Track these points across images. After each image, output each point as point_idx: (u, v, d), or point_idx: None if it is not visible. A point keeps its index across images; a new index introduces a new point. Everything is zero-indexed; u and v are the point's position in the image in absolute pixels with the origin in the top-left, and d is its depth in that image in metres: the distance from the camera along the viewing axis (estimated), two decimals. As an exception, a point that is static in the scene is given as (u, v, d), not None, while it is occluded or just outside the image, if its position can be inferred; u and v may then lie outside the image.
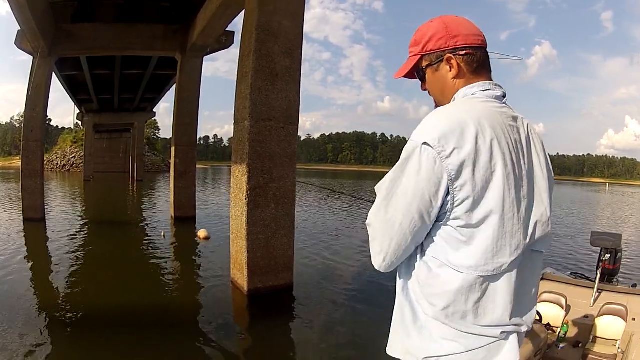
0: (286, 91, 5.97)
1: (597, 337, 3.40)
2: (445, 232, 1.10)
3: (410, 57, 1.28)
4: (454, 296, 1.08)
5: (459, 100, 1.19)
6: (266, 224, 5.87)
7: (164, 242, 9.84)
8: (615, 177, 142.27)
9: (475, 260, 1.07)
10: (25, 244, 9.28)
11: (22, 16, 9.21)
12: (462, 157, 1.03)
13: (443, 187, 1.05)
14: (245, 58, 5.99)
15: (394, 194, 1.10)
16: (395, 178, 1.11)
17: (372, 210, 1.16)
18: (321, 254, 8.86)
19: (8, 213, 13.65)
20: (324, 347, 4.62)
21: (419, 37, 1.24)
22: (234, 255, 6.21)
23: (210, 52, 13.01)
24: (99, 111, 28.43)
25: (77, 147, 52.57)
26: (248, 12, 6.24)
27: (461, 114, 1.08)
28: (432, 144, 1.04)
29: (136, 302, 5.76)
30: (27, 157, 11.89)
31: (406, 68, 1.29)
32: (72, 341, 4.49)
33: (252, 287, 5.82)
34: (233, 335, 5.08)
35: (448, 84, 1.22)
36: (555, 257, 9.07)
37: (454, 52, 1.19)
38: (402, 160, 1.10)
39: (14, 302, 5.40)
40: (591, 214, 23.97)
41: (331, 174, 62.37)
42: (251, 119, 5.70)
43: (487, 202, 1.06)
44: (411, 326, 1.16)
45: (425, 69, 1.26)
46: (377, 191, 1.16)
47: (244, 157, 5.76)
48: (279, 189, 5.95)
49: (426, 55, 1.24)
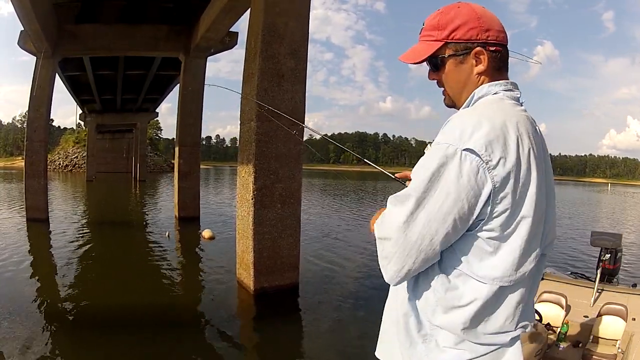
0: (292, 92, 6.01)
1: (597, 337, 3.40)
2: (471, 242, 1.04)
3: (428, 42, 1.15)
4: (476, 307, 1.03)
5: (489, 101, 1.11)
6: (272, 224, 5.91)
7: (168, 242, 9.87)
8: (617, 177, 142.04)
9: (502, 271, 1.02)
10: (29, 244, 9.31)
11: (25, 17, 9.24)
12: (507, 168, 0.97)
13: (484, 197, 0.98)
14: (251, 59, 6.03)
15: (427, 204, 0.99)
16: (428, 186, 0.99)
17: (393, 222, 1.02)
18: (326, 253, 8.90)
19: (11, 213, 13.70)
20: (330, 346, 4.65)
21: (445, 21, 1.12)
22: (240, 254, 6.24)
23: (214, 53, 13.07)
24: (102, 111, 28.55)
25: (79, 148, 52.66)
26: (254, 13, 6.28)
27: (500, 119, 1.01)
28: (479, 152, 0.96)
29: (142, 301, 5.80)
30: (31, 157, 11.91)
31: (423, 53, 1.16)
32: (77, 340, 4.52)
33: (258, 287, 5.86)
34: (240, 334, 5.12)
35: (472, 78, 1.14)
36: (555, 257, 9.10)
37: (484, 47, 1.11)
38: (437, 165, 0.99)
39: (19, 302, 5.41)
40: (593, 214, 23.96)
41: (333, 175, 62.20)
42: (257, 120, 5.74)
43: (522, 213, 1.01)
44: (416, 335, 1.11)
45: (447, 57, 1.14)
46: (395, 201, 1.05)
47: (251, 158, 5.80)
48: (285, 189, 5.99)
49: (451, 44, 1.12)
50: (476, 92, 1.13)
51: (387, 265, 1.05)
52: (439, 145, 1.01)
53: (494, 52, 1.12)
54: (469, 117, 1.03)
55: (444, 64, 1.15)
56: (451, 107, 1.22)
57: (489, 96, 1.12)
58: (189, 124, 12.99)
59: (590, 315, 3.63)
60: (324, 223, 13.64)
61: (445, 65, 1.15)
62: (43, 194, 12.07)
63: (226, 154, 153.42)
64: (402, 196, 1.03)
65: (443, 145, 1.00)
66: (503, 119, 1.01)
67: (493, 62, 1.12)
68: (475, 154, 0.96)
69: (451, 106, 1.22)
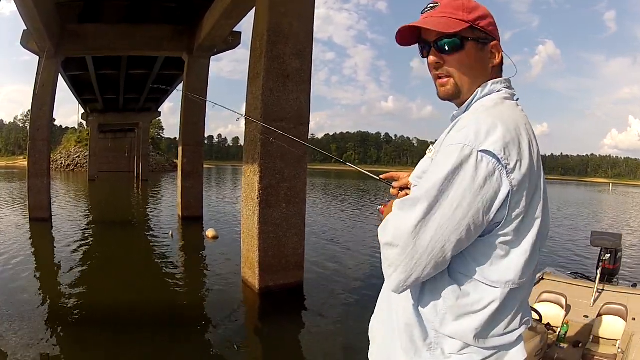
0: (297, 92, 6.04)
1: (597, 337, 3.39)
2: (483, 247, 1.00)
3: (453, 19, 1.07)
4: (490, 313, 1.01)
5: (495, 101, 1.08)
6: (277, 223, 5.94)
7: (172, 241, 9.91)
8: (618, 177, 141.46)
9: (514, 274, 1.00)
10: (33, 244, 9.32)
11: (28, 16, 9.25)
12: (523, 171, 0.95)
13: (499, 201, 0.95)
14: (257, 59, 6.06)
15: (440, 208, 0.94)
16: (441, 189, 0.94)
17: (401, 228, 0.96)
18: (331, 252, 8.95)
19: (14, 213, 13.74)
20: (335, 344, 4.69)
21: (471, 6, 1.09)
22: (245, 254, 6.28)
23: (218, 53, 13.07)
24: (104, 111, 28.57)
25: (81, 147, 52.77)
26: (259, 14, 6.31)
27: (512, 121, 1.00)
28: (498, 154, 0.93)
29: (147, 300, 5.86)
30: (34, 157, 11.94)
31: (453, 26, 1.07)
32: (83, 339, 4.54)
33: (263, 286, 5.90)
34: (245, 332, 5.17)
35: (487, 69, 1.12)
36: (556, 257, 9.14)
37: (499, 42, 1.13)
38: (451, 167, 0.94)
39: (24, 300, 5.47)
40: (594, 214, 23.95)
41: (335, 174, 62.26)
42: (263, 120, 5.77)
43: (535, 215, 1.01)
44: (421, 345, 1.07)
45: (469, 40, 1.08)
46: (403, 205, 0.99)
47: (256, 157, 5.84)
48: (290, 189, 6.03)
49: (476, 29, 1.08)
50: (480, 89, 1.10)
51: (392, 273, 0.99)
52: (451, 146, 0.96)
53: (501, 52, 1.14)
54: (482, 118, 0.99)
55: (463, 46, 1.08)
56: (451, 97, 1.15)
57: (494, 94, 1.10)
58: (192, 123, 13.04)
59: (590, 315, 3.64)
60: (328, 222, 13.68)
61: (464, 48, 1.09)
62: (46, 193, 12.11)
63: (228, 153, 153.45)
64: (411, 200, 0.97)
65: (457, 146, 0.94)
66: (515, 121, 1.00)
67: (500, 59, 1.13)
68: (493, 156, 0.93)
69: (451, 96, 1.14)
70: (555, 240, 11.63)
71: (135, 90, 21.63)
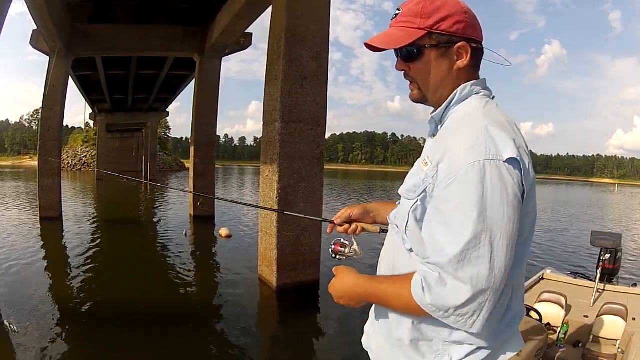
0: (314, 94, 6.16)
1: (597, 337, 3.38)
2: None
3: (408, 28, 1.06)
4: (500, 314, 1.02)
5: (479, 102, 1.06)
6: (295, 222, 6.05)
7: (186, 240, 10.02)
8: (624, 178, 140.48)
9: (519, 273, 1.04)
10: (44, 243, 9.31)
11: (39, 16, 9.25)
12: (532, 171, 0.97)
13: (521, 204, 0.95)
14: (275, 61, 6.18)
15: (494, 237, 0.90)
16: (479, 213, 0.89)
17: (474, 278, 0.91)
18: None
19: (24, 212, 13.81)
20: (352, 340, 4.76)
21: (430, 9, 1.04)
22: (263, 252, 6.40)
23: (229, 53, 13.18)
24: (112, 111, 28.62)
25: (88, 147, 52.93)
26: (275, 16, 6.42)
27: (507, 123, 1.00)
28: (519, 159, 0.93)
29: (164, 297, 5.97)
30: (44, 157, 11.96)
31: (403, 40, 1.06)
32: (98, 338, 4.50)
33: (280, 283, 6.02)
34: (264, 328, 5.30)
35: (452, 73, 1.08)
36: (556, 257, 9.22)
37: (467, 42, 1.06)
38: (474, 186, 0.90)
39: (36, 298, 5.49)
40: (599, 215, 23.89)
41: (342, 174, 62.22)
42: (281, 121, 5.89)
43: (533, 211, 1.03)
44: (428, 353, 1.08)
45: (426, 48, 1.06)
46: (457, 260, 0.91)
47: (275, 158, 5.95)
48: (308, 188, 6.15)
49: (435, 34, 1.04)
50: (459, 90, 1.07)
51: (477, 319, 0.94)
52: (469, 165, 0.91)
53: (476, 50, 1.08)
54: (489, 126, 0.97)
55: (421, 54, 1.07)
56: (419, 101, 1.14)
57: (473, 98, 1.08)
58: (204, 123, 13.12)
59: (590, 315, 3.65)
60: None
61: (423, 56, 1.07)
62: (57, 192, 12.16)
63: (234, 153, 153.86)
64: (464, 248, 0.91)
65: (477, 165, 0.91)
66: (509, 122, 1.01)
67: (473, 59, 1.08)
68: (516, 163, 0.92)
69: (419, 101, 1.14)
70: (556, 241, 11.70)
71: (144, 90, 21.70)
